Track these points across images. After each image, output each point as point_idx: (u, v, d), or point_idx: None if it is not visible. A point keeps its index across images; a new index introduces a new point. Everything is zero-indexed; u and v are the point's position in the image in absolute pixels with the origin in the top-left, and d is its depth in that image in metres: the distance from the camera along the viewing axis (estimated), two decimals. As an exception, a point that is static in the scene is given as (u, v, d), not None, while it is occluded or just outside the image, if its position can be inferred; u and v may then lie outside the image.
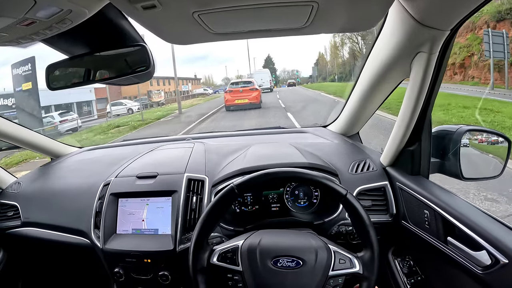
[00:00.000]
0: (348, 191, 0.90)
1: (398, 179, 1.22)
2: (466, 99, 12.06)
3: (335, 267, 0.84)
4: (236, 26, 0.87)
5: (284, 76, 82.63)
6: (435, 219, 1.01)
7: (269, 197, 1.31)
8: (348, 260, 0.86)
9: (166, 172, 1.34)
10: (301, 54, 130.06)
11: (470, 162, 1.18)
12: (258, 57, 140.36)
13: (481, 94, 14.22)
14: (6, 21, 0.63)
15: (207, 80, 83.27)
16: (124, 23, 0.91)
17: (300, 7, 0.75)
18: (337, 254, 0.86)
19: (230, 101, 14.93)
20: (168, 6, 0.70)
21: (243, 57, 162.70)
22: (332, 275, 0.83)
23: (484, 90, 15.70)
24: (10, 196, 1.60)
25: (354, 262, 0.86)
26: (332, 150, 1.51)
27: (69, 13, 0.68)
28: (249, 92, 14.72)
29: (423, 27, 0.88)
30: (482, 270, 0.84)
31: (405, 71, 1.08)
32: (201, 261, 0.88)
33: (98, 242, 1.24)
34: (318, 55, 72.94)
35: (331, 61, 62.42)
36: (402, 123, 1.12)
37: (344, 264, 0.85)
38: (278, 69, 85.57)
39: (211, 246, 0.92)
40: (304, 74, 78.70)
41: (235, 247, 0.88)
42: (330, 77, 58.73)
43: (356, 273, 0.84)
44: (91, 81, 1.06)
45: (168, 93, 42.20)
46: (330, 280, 0.83)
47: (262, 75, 32.98)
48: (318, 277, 0.83)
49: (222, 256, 0.88)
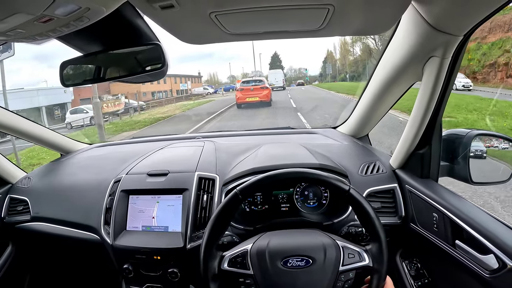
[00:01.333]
0: (350, 186, 0.90)
1: (407, 181, 1.22)
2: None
3: (345, 262, 0.85)
4: (252, 27, 0.88)
5: (291, 74, 77.84)
6: (444, 222, 1.02)
7: (279, 197, 1.31)
8: (357, 254, 0.86)
9: (177, 170, 1.35)
10: (308, 52, 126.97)
11: (479, 166, 1.18)
12: (264, 53, 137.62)
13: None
14: (24, 17, 0.63)
15: (212, 77, 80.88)
16: (139, 21, 0.92)
17: (316, 10, 0.76)
18: (345, 249, 0.87)
19: (241, 99, 15.60)
20: (186, 6, 0.71)
21: (248, 54, 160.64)
22: (342, 270, 0.84)
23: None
24: (20, 191, 1.62)
25: (363, 255, 0.86)
26: (341, 152, 1.51)
27: (87, 11, 0.69)
28: (260, 91, 15.39)
29: (436, 31, 0.88)
30: (489, 274, 0.85)
31: (417, 75, 1.08)
32: (212, 269, 0.88)
33: (108, 238, 1.26)
34: (327, 52, 71.29)
35: (341, 59, 60.41)
36: (413, 126, 1.12)
37: (354, 258, 0.86)
38: (285, 67, 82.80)
39: (220, 252, 0.92)
40: (311, 73, 76.28)
41: (244, 252, 0.89)
42: (341, 76, 56.63)
43: (366, 266, 0.85)
44: (104, 79, 1.07)
45: (163, 93, 40.50)
46: (341, 275, 0.83)
47: (276, 75, 35.74)
48: (329, 274, 0.83)
49: (233, 262, 0.88)
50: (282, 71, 39.09)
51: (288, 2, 0.72)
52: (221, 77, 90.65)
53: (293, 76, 76.09)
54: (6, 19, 0.61)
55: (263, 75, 28.52)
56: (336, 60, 63.38)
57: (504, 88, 16.02)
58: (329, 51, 68.43)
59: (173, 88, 42.94)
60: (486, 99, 12.80)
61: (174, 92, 42.16)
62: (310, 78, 69.08)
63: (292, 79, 71.12)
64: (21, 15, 0.62)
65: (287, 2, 0.72)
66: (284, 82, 37.25)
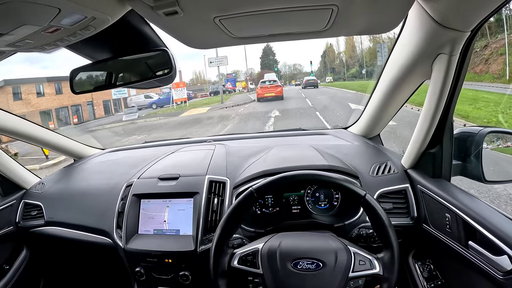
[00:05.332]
0: (367, 192, 0.89)
1: (419, 181, 1.21)
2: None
3: (355, 269, 0.84)
4: (256, 30, 0.88)
5: (285, 70, 67.84)
6: (456, 223, 1.00)
7: (290, 199, 1.31)
8: (368, 261, 0.86)
9: (187, 174, 1.36)
10: (303, 46, 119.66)
11: (493, 165, 1.15)
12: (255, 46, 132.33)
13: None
14: (31, 28, 0.65)
15: (198, 77, 64.11)
16: (146, 28, 0.93)
17: (320, 11, 0.76)
18: (357, 256, 0.86)
19: (261, 94, 19.80)
20: (190, 12, 0.72)
21: (237, 49, 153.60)
22: (352, 276, 0.83)
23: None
24: (34, 196, 1.66)
25: (374, 263, 0.86)
26: (353, 152, 1.50)
27: (93, 20, 0.70)
28: (275, 88, 19.87)
29: (443, 28, 0.87)
30: (502, 276, 0.83)
31: (426, 73, 1.06)
32: (222, 265, 0.89)
33: (120, 242, 1.28)
34: (325, 46, 62.22)
35: (348, 50, 53.50)
36: (423, 126, 1.11)
37: (364, 265, 0.85)
38: (279, 61, 68.70)
39: (231, 249, 0.93)
40: (307, 69, 66.63)
41: (255, 250, 0.89)
42: (351, 71, 48.29)
43: (376, 274, 0.84)
44: (114, 85, 1.09)
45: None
46: (350, 281, 0.83)
47: (268, 76, 33.42)
48: (338, 279, 0.83)
49: (243, 260, 0.89)
50: (275, 74, 34.03)
51: (291, 4, 0.72)
52: (210, 75, 76.47)
53: (287, 73, 67.96)
54: (13, 31, 0.62)
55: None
56: (337, 55, 57.12)
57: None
58: (328, 44, 60.60)
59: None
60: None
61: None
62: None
63: (287, 76, 64.07)
64: (28, 26, 0.64)
65: (290, 4, 0.72)
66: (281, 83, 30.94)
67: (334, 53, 60.59)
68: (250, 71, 27.67)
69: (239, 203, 0.92)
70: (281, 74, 62.02)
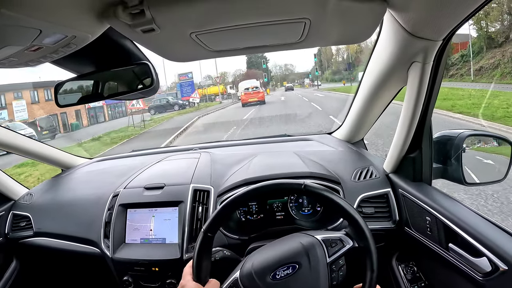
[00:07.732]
0: (304, 181, 0.89)
1: (400, 185, 1.23)
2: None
3: (330, 253, 0.84)
4: (233, 43, 0.91)
5: (276, 71, 64.36)
6: (437, 226, 1.02)
7: (274, 206, 1.33)
8: (338, 241, 0.86)
9: (172, 183, 1.38)
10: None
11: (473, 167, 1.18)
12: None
13: None
14: (15, 48, 0.67)
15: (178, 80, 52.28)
16: (127, 42, 0.95)
17: (293, 24, 0.78)
18: (326, 241, 0.86)
19: (245, 100, 21.41)
20: (166, 29, 0.74)
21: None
22: (331, 261, 0.83)
23: None
24: (23, 207, 1.66)
25: (345, 239, 0.86)
26: (335, 158, 1.52)
27: (74, 38, 0.72)
28: (257, 93, 21.73)
29: (415, 38, 0.89)
30: (482, 277, 0.85)
31: (403, 80, 1.09)
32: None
33: (108, 252, 1.29)
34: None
35: (347, 49, 50.00)
36: (402, 130, 1.13)
37: (337, 246, 0.85)
38: (269, 59, 60.11)
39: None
40: (300, 69, 65.57)
41: (235, 281, 0.88)
42: (358, 70, 38.79)
43: (351, 247, 0.84)
44: (98, 98, 1.10)
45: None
46: (332, 266, 0.83)
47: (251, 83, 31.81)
48: (320, 270, 0.82)
49: None
50: (255, 80, 29.85)
51: (264, 19, 0.75)
52: (195, 77, 63.90)
53: (278, 74, 64.70)
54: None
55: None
56: (333, 54, 54.06)
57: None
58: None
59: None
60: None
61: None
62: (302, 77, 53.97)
63: (278, 77, 60.37)
64: (11, 47, 0.66)
65: (263, 19, 0.74)
66: (263, 89, 27.20)
67: (329, 53, 57.89)
68: (239, 72, 26.85)
69: (198, 250, 0.89)
70: (272, 75, 59.03)
